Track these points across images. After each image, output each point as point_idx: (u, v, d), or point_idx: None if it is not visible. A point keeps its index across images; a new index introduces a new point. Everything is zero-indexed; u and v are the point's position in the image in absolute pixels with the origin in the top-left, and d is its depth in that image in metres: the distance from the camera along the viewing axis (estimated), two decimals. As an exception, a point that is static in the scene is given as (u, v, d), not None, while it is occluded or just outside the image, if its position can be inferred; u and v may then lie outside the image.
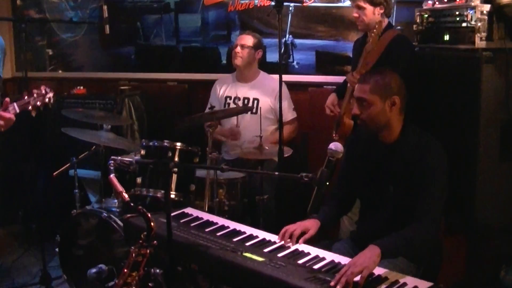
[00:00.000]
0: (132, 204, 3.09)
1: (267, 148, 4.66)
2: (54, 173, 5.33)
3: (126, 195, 3.14)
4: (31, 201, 6.48)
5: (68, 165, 5.23)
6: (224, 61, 6.21)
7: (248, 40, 5.43)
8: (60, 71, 7.49)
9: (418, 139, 3.48)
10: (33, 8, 7.66)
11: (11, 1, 7.80)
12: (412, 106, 3.74)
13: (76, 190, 5.20)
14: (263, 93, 5.43)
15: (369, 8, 4.52)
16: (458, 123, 4.05)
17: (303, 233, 3.45)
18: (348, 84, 4.61)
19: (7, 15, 7.72)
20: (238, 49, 5.40)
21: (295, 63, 5.88)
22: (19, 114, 3.78)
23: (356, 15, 4.60)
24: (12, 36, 7.68)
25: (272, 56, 5.92)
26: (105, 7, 6.85)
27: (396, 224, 3.35)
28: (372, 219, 3.62)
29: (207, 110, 5.62)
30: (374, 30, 4.27)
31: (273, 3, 4.56)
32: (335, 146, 3.22)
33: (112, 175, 3.31)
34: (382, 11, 4.54)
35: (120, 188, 3.19)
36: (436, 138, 3.49)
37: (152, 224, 3.05)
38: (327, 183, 3.09)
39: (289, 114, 5.39)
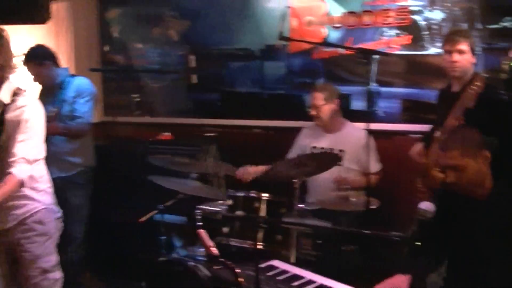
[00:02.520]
0: (221, 260, 3.11)
1: (353, 199, 4.63)
2: (141, 219, 5.41)
3: (215, 250, 3.16)
4: (116, 244, 6.58)
5: (155, 211, 5.31)
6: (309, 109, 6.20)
7: (318, 97, 5.44)
8: (146, 117, 7.63)
9: (509, 192, 3.42)
10: (120, 54, 7.84)
11: (99, 47, 8.01)
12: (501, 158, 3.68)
13: (163, 237, 5.26)
14: (349, 144, 5.39)
15: (468, 53, 4.49)
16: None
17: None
18: (436, 134, 4.56)
19: (96, 59, 7.94)
20: (313, 110, 5.44)
21: (380, 111, 5.84)
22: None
23: (454, 59, 4.54)
24: (101, 82, 7.88)
25: (356, 104, 5.91)
26: (192, 57, 6.97)
27: (488, 283, 3.29)
28: (462, 277, 3.55)
29: (290, 155, 5.65)
30: (474, 87, 4.18)
31: (357, 52, 4.60)
32: (426, 205, 3.19)
33: (201, 230, 3.34)
34: (474, 60, 4.52)
35: (209, 243, 3.22)
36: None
37: (239, 279, 3.07)
38: (418, 243, 3.06)
39: (374, 165, 5.33)
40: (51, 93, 5.70)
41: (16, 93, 4.00)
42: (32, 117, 3.97)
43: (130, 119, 7.60)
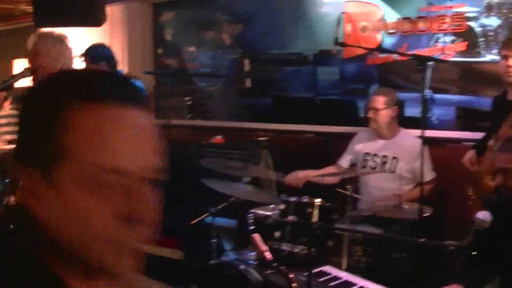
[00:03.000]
0: (274, 264, 3.11)
1: (406, 206, 4.59)
2: (192, 222, 5.45)
3: (269, 254, 3.16)
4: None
5: (206, 215, 5.34)
6: (362, 115, 6.13)
7: (379, 100, 5.34)
8: (198, 120, 7.68)
9: None
10: (172, 58, 7.92)
11: (153, 50, 8.10)
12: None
13: (214, 240, 5.28)
14: (402, 152, 5.33)
15: None
16: None
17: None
18: (490, 142, 4.51)
19: (149, 63, 8.03)
20: (371, 113, 5.38)
21: (434, 118, 5.78)
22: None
23: (511, 64, 4.50)
24: (153, 84, 7.96)
25: (410, 111, 5.84)
26: (246, 61, 6.99)
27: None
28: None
29: (342, 160, 5.62)
30: None
31: (411, 58, 4.59)
32: (483, 215, 3.13)
33: (255, 234, 3.34)
34: None
35: (263, 247, 3.22)
36: None
37: (293, 285, 3.06)
38: (474, 253, 3.02)
39: (428, 174, 5.25)
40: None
41: None
42: None
43: (182, 122, 7.66)
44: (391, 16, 5.95)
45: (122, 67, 6.91)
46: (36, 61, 3.98)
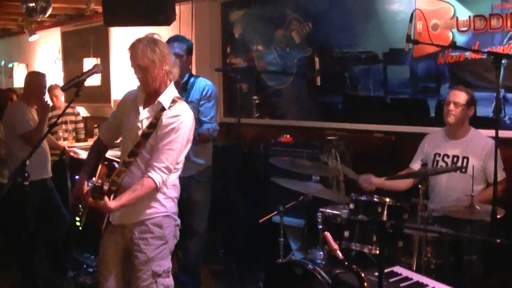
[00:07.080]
0: (346, 263, 3.09)
1: (478, 207, 4.50)
2: (260, 220, 5.47)
3: (340, 253, 3.15)
4: (234, 242, 6.67)
5: (274, 213, 5.35)
6: (433, 114, 6.06)
7: (462, 97, 5.24)
8: (266, 118, 7.68)
9: None
10: (241, 56, 7.93)
11: (221, 49, 8.14)
12: None
13: (282, 239, 5.29)
14: (473, 151, 5.23)
15: None
16: None
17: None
18: None
19: (217, 61, 8.08)
20: (452, 106, 5.25)
21: (506, 118, 5.64)
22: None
23: None
24: (221, 82, 8.01)
25: (482, 110, 5.69)
26: (317, 59, 6.97)
27: None
28: None
29: (414, 164, 5.55)
30: None
31: (485, 56, 4.48)
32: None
33: (326, 233, 3.33)
34: None
35: (334, 245, 3.21)
36: None
37: (365, 284, 3.03)
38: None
39: (499, 174, 5.10)
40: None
41: (174, 101, 4.14)
42: (184, 127, 4.10)
43: (251, 120, 7.68)
44: (464, 13, 5.83)
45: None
46: (144, 72, 4.04)
